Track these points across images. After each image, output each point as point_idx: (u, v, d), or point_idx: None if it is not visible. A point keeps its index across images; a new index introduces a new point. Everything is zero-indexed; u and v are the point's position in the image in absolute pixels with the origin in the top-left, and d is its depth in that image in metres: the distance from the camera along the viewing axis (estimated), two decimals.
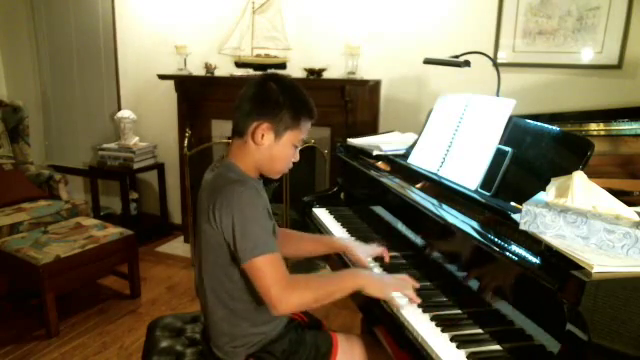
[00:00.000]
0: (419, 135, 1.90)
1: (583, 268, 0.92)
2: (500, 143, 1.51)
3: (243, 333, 1.31)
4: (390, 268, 1.54)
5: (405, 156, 1.91)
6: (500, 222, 1.27)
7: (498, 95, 1.99)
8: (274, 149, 1.26)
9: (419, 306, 1.32)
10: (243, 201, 1.17)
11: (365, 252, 1.56)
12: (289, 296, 1.17)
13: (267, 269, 1.16)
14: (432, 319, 1.26)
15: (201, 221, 1.26)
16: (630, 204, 1.09)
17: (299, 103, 1.26)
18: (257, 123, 1.23)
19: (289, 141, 1.27)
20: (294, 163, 1.34)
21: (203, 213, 1.24)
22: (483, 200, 1.41)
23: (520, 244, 1.12)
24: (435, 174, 1.69)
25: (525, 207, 1.08)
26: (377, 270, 1.56)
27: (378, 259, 1.61)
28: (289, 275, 1.20)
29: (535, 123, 1.48)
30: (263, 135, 1.23)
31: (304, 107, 1.27)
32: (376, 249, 1.58)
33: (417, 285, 1.35)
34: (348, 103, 2.88)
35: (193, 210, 3.30)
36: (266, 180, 1.35)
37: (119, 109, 3.84)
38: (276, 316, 1.31)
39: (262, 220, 1.20)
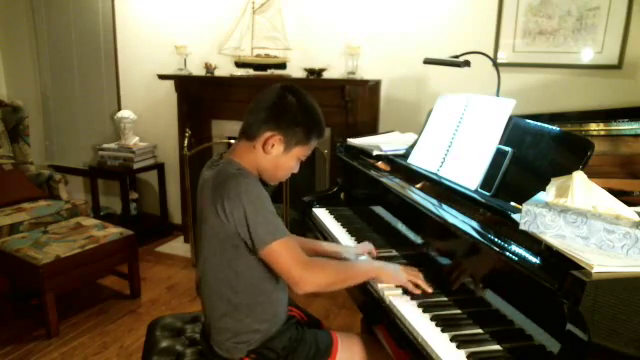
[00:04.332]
0: (419, 135, 1.90)
1: (583, 268, 0.92)
2: (500, 143, 1.51)
3: (245, 329, 1.32)
4: None
5: (405, 156, 1.91)
6: (500, 222, 1.27)
7: (498, 95, 1.99)
8: (280, 160, 1.30)
9: (419, 306, 1.32)
10: (250, 191, 1.21)
11: (352, 253, 1.61)
12: (311, 275, 1.24)
13: (284, 252, 1.22)
14: (432, 319, 1.26)
15: (205, 216, 1.28)
16: (630, 204, 1.09)
17: (314, 123, 1.31)
18: (270, 133, 1.26)
19: (296, 155, 1.32)
20: (292, 173, 1.39)
21: (207, 208, 1.25)
22: (483, 200, 1.41)
23: (520, 244, 1.12)
24: (435, 174, 1.69)
25: (525, 207, 1.09)
26: None
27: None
28: (307, 256, 1.26)
29: (535, 123, 1.48)
30: (273, 145, 1.27)
31: (317, 127, 1.32)
32: (363, 247, 1.64)
33: (429, 290, 1.38)
34: (348, 103, 2.88)
35: (193, 210, 3.30)
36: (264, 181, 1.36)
37: (119, 109, 3.84)
38: (275, 312, 1.35)
39: (271, 207, 1.24)
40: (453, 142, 1.69)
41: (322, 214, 2.08)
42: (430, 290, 1.37)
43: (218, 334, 1.34)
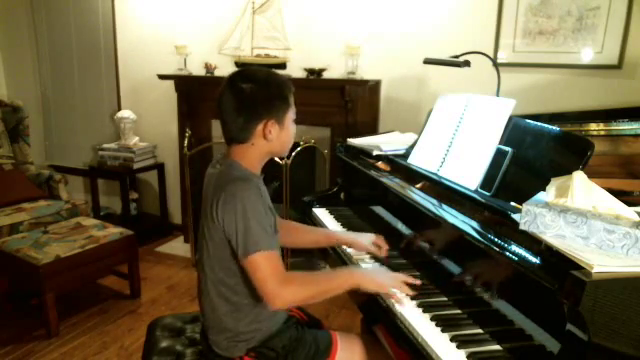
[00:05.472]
0: (419, 135, 1.91)
1: (583, 268, 0.92)
2: (500, 143, 1.51)
3: (246, 329, 1.32)
4: (392, 269, 1.55)
5: (405, 156, 1.91)
6: (500, 222, 1.27)
7: (498, 95, 1.99)
8: (282, 135, 1.30)
9: (419, 306, 1.32)
10: (244, 199, 1.20)
11: (367, 242, 1.61)
12: (284, 291, 1.21)
13: (263, 265, 1.20)
14: (432, 319, 1.26)
15: (205, 218, 1.29)
16: (630, 204, 1.09)
17: (280, 87, 1.30)
18: (262, 125, 1.26)
19: (289, 120, 1.32)
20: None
21: (206, 210, 1.27)
22: (483, 200, 1.41)
23: (520, 244, 1.12)
24: (435, 174, 1.69)
25: (525, 207, 1.09)
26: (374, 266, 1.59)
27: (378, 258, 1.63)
28: (285, 271, 1.24)
29: (535, 123, 1.48)
30: (271, 130, 1.27)
31: (285, 87, 1.31)
32: (376, 238, 1.63)
33: (417, 282, 1.37)
34: (348, 103, 2.88)
35: (193, 210, 3.31)
36: (266, 180, 1.37)
37: (119, 109, 3.84)
38: (274, 311, 1.34)
39: (262, 218, 1.22)
40: (453, 142, 1.69)
41: (322, 214, 2.08)
42: (412, 293, 1.35)
43: (217, 333, 1.34)
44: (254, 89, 1.25)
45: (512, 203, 1.32)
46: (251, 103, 1.25)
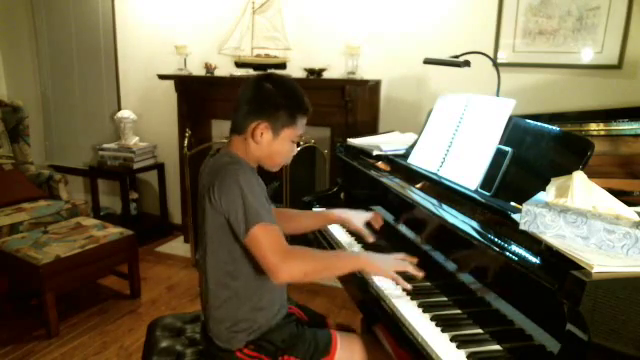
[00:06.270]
0: (419, 135, 1.91)
1: (583, 268, 0.92)
2: (500, 143, 1.51)
3: (244, 317, 1.33)
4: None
5: (405, 156, 1.91)
6: (500, 222, 1.27)
7: (498, 95, 1.99)
8: (273, 146, 1.32)
9: (419, 306, 1.32)
10: (239, 177, 1.23)
11: (361, 221, 1.64)
12: (288, 263, 1.22)
13: (264, 238, 1.21)
14: (432, 319, 1.26)
15: (202, 204, 1.30)
16: (630, 204, 1.09)
17: (295, 102, 1.32)
18: (256, 123, 1.29)
19: (287, 137, 1.33)
20: (293, 159, 1.41)
21: (204, 195, 1.29)
22: (483, 200, 1.41)
23: (520, 244, 1.12)
24: (435, 174, 1.69)
25: (525, 207, 1.09)
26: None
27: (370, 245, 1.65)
28: (287, 245, 1.25)
29: (535, 123, 1.48)
30: (262, 134, 1.30)
31: (300, 105, 1.33)
32: (370, 215, 1.66)
33: (421, 274, 1.37)
34: (348, 103, 2.88)
35: (193, 210, 3.31)
36: (266, 180, 1.37)
37: (119, 109, 3.84)
38: (272, 302, 1.36)
39: (257, 195, 1.24)
40: (453, 142, 1.69)
41: None
42: (421, 274, 1.35)
43: (217, 323, 1.35)
44: (271, 91, 1.30)
45: (512, 203, 1.32)
46: (261, 100, 1.30)
